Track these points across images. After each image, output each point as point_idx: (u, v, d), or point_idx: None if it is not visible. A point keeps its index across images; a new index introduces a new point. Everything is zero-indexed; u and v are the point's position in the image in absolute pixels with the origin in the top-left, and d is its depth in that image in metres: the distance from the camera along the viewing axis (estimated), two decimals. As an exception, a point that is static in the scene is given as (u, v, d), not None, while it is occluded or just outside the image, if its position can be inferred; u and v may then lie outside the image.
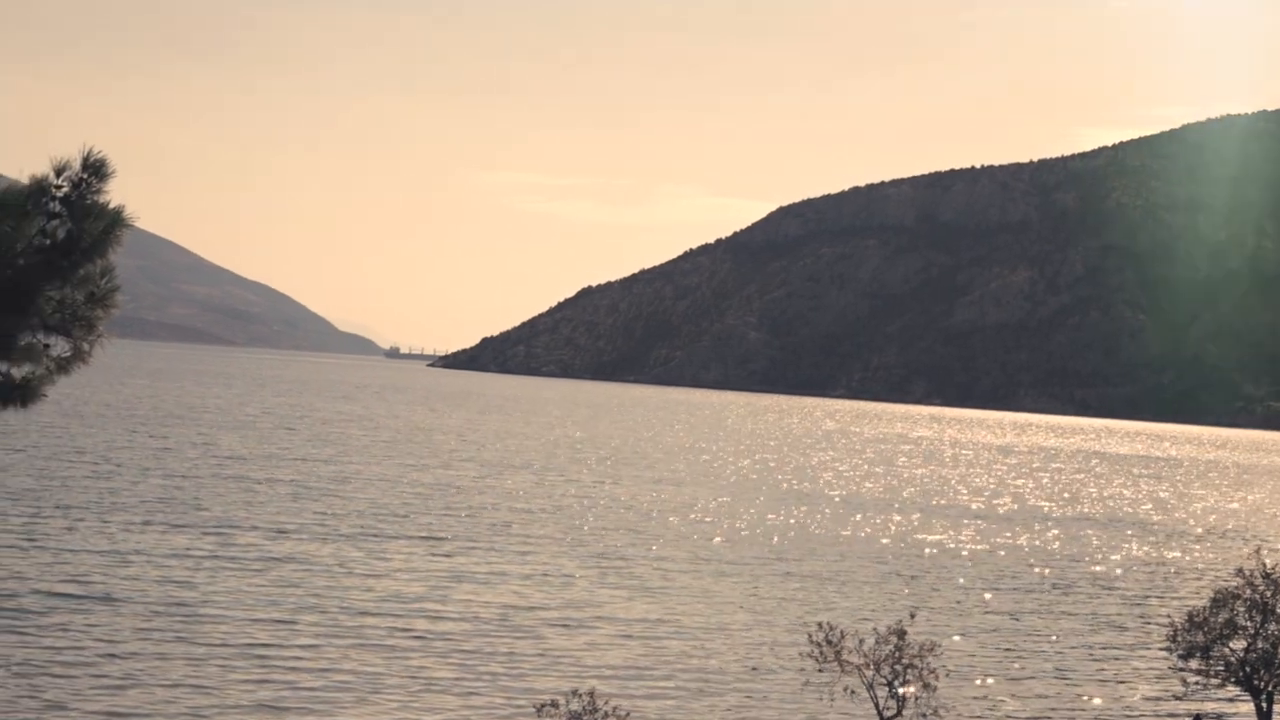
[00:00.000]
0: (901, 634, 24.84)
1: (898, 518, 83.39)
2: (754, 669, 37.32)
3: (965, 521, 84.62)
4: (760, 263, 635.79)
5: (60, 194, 10.16)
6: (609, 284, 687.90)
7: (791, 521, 76.41)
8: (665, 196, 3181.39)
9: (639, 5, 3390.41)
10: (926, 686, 24.47)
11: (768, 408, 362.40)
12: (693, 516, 74.89)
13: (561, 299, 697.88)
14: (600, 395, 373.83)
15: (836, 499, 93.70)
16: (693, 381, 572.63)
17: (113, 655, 32.58)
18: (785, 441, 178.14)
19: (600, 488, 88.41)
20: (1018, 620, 49.06)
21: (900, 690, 24.57)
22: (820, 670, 25.64)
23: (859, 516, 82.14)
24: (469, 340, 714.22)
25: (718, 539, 65.47)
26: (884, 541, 70.56)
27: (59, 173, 10.16)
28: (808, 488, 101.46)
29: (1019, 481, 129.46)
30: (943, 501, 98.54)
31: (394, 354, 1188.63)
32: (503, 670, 34.47)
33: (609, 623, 41.84)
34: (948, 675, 27.90)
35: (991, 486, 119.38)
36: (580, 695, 22.73)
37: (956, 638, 43.72)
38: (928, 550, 68.21)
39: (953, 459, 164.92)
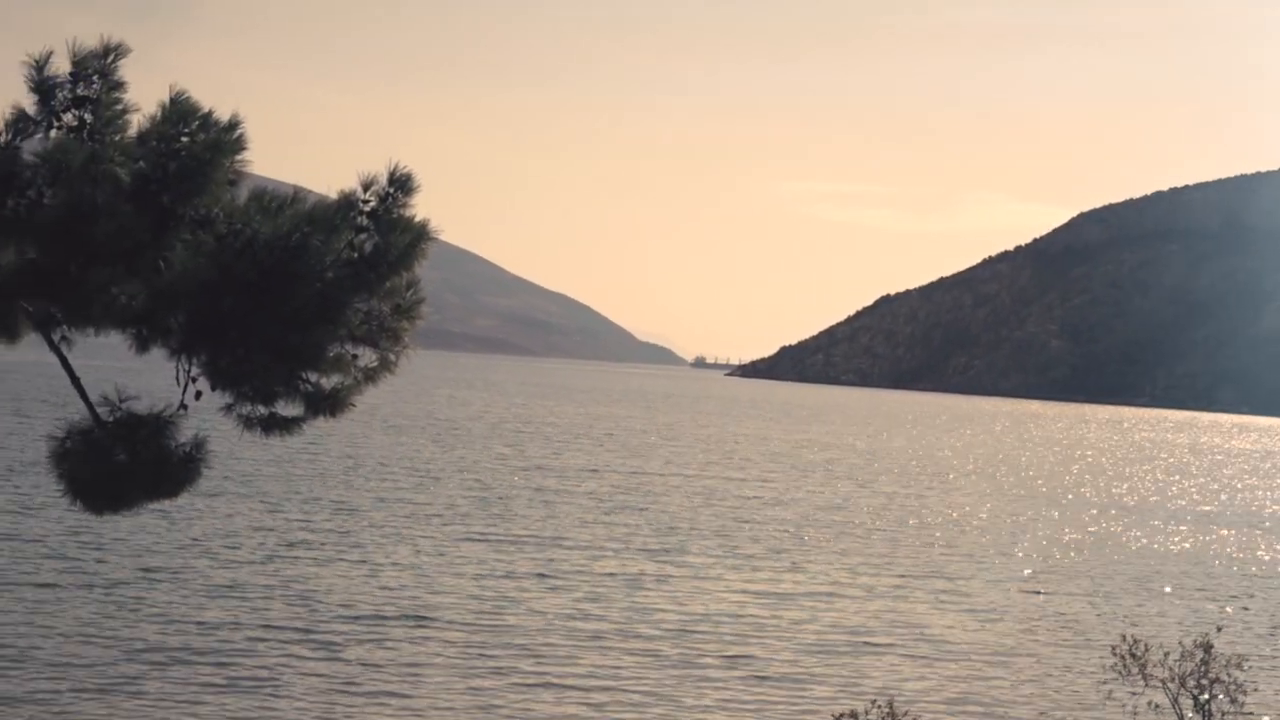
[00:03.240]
0: (1208, 647, 24.17)
1: (1214, 531, 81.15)
2: (1054, 680, 36.73)
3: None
4: (1061, 269, 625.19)
5: (367, 208, 10.41)
6: (907, 292, 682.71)
7: (1103, 534, 74.91)
8: (963, 204, 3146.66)
9: (939, 12, 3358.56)
10: (1234, 701, 23.79)
11: (1072, 416, 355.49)
12: (1001, 530, 73.76)
13: (860, 307, 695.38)
14: (901, 404, 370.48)
15: (1152, 511, 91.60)
16: (992, 390, 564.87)
17: (422, 675, 32.69)
18: (1100, 452, 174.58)
19: (909, 500, 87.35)
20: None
21: (1206, 705, 23.92)
22: (1123, 683, 25.12)
23: (1174, 529, 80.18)
24: (768, 349, 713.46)
25: (1028, 553, 64.38)
26: (1199, 556, 68.69)
27: (366, 187, 10.41)
28: (1128, 499, 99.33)
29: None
30: (1263, 516, 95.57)
31: (700, 364, 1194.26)
32: (806, 691, 34.18)
33: (914, 641, 41.32)
34: (1255, 690, 27.04)
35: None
36: (879, 705, 22.54)
37: (1268, 654, 42.42)
38: (1246, 566, 66.21)
39: (1274, 470, 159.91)
